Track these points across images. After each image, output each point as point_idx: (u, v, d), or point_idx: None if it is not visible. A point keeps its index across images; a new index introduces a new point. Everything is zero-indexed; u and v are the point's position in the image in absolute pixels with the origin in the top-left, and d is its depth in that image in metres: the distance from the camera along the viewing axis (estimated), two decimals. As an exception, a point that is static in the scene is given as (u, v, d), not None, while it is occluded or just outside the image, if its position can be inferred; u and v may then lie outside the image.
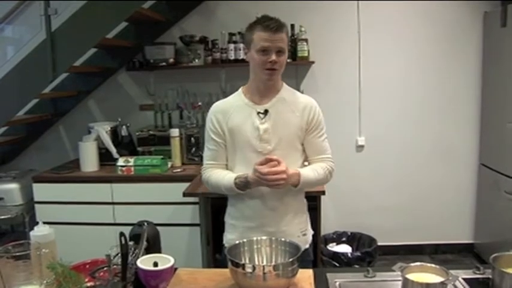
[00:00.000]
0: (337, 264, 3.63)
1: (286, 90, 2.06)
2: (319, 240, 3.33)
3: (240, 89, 2.09)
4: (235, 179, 1.94)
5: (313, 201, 3.13)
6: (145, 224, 1.67)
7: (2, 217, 3.52)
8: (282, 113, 1.99)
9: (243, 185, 1.92)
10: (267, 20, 1.90)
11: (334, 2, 3.95)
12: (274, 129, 1.97)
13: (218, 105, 2.08)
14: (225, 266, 1.59)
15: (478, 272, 1.66)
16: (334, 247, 3.92)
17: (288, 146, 1.99)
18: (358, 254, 3.69)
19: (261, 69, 1.93)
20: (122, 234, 1.48)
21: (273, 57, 1.89)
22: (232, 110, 2.02)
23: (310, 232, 2.14)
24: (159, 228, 1.77)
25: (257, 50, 1.90)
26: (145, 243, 1.60)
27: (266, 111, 1.98)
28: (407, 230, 4.20)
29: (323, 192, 3.08)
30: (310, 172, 1.99)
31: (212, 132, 2.03)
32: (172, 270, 1.54)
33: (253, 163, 1.91)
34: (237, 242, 1.71)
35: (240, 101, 2.03)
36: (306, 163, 2.10)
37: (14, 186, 3.66)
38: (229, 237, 2.07)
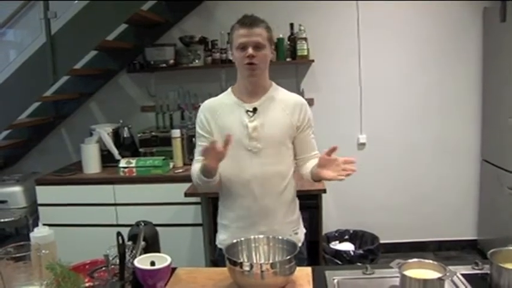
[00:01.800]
0: (340, 262, 3.62)
1: (275, 89, 2.06)
2: (321, 239, 3.33)
3: (230, 89, 2.09)
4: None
5: (315, 200, 3.14)
6: (142, 223, 1.68)
7: (6, 220, 3.54)
8: (271, 111, 1.99)
9: (203, 167, 1.89)
10: (243, 18, 1.93)
11: (333, 1, 3.94)
12: (264, 127, 1.96)
13: (207, 103, 2.09)
14: (220, 267, 1.59)
15: (477, 267, 1.66)
16: (336, 245, 3.91)
17: (278, 144, 1.99)
18: (361, 251, 3.69)
19: (241, 65, 1.94)
20: (119, 234, 1.49)
21: (250, 51, 1.88)
22: (221, 109, 2.03)
23: (302, 231, 2.14)
24: (161, 228, 1.78)
25: (236, 48, 1.92)
26: (143, 242, 1.60)
27: (255, 109, 1.98)
28: (410, 227, 4.20)
29: (324, 191, 3.08)
30: None
31: (201, 129, 2.06)
32: (170, 269, 1.55)
33: (243, 161, 1.95)
34: (235, 240, 1.71)
35: (229, 99, 2.04)
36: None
37: (17, 189, 3.68)
38: (222, 238, 2.08)
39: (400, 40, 3.99)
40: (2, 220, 3.53)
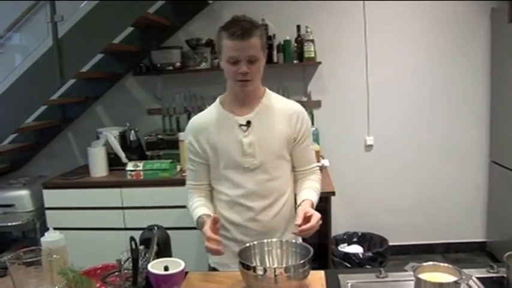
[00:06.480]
0: (349, 265, 3.61)
1: (269, 98, 1.88)
2: (329, 241, 3.32)
3: (218, 100, 1.92)
4: (198, 217, 1.85)
5: (323, 202, 3.12)
6: (156, 228, 1.66)
7: (13, 223, 3.53)
8: (266, 123, 1.83)
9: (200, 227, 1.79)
10: (233, 26, 1.71)
11: (340, 2, 3.93)
12: (260, 142, 1.81)
13: (194, 122, 1.91)
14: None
15: (492, 270, 1.63)
16: (345, 248, 3.90)
17: (276, 157, 1.84)
18: (370, 254, 3.67)
19: (232, 80, 1.77)
20: (132, 238, 1.48)
21: (243, 68, 1.71)
22: (211, 126, 1.85)
23: None
24: (169, 232, 1.77)
25: (226, 60, 1.73)
26: (155, 247, 1.59)
27: (248, 123, 1.81)
28: (419, 229, 4.18)
29: (333, 193, 3.07)
30: (315, 196, 1.87)
31: (190, 152, 1.90)
32: (183, 274, 1.54)
33: (239, 179, 1.82)
34: (248, 244, 1.69)
35: (219, 113, 1.86)
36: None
37: (24, 192, 3.67)
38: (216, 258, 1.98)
39: (407, 41, 3.97)
40: (10, 224, 3.52)
